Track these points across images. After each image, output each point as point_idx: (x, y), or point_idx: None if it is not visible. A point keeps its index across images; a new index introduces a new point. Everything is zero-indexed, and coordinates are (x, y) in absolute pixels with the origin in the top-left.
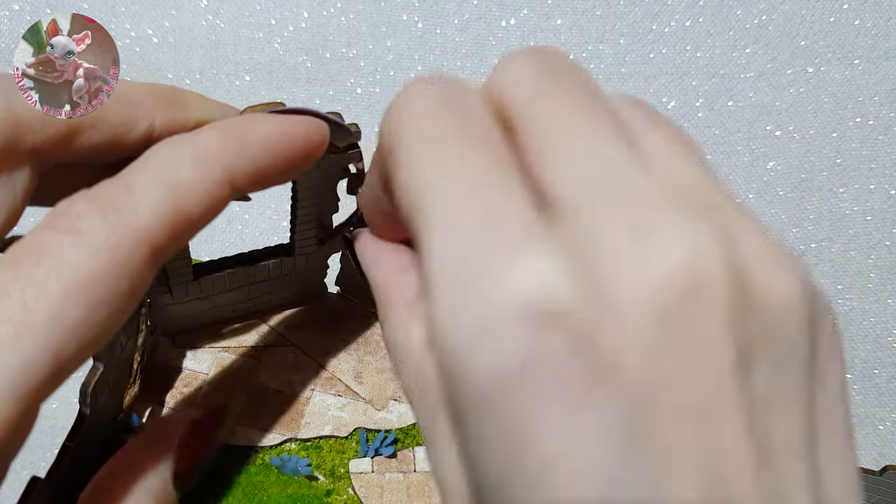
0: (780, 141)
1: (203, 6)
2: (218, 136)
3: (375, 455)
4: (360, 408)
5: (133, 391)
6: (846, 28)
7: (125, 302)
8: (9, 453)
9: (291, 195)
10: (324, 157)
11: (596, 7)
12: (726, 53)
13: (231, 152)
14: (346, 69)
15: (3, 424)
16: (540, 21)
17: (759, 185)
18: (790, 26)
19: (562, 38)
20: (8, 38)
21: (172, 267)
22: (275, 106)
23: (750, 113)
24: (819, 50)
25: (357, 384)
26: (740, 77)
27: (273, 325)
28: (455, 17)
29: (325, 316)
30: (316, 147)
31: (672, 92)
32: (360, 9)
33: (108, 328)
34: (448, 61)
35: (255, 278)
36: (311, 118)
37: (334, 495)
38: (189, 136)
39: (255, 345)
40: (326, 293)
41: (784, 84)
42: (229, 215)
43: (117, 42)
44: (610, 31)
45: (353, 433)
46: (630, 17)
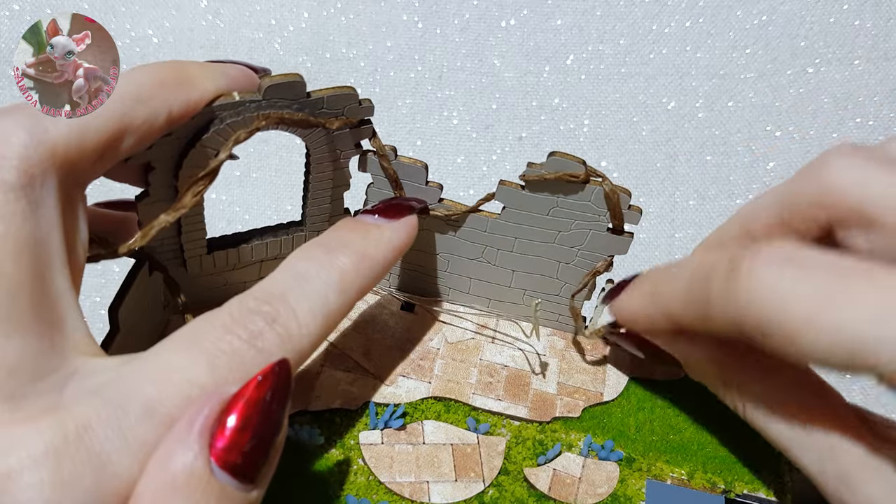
0: (781, 141)
1: (203, 6)
2: (353, 262)
3: (385, 427)
4: (370, 383)
5: None
6: (846, 28)
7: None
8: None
9: (304, 170)
10: (337, 133)
11: (596, 7)
12: (726, 54)
13: (363, 277)
14: (346, 69)
15: None
16: (540, 21)
17: (759, 186)
18: (790, 27)
19: (562, 39)
20: (8, 39)
21: (188, 239)
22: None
23: (750, 113)
24: (819, 50)
25: (366, 360)
26: (740, 77)
27: None
28: (455, 17)
29: None
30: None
31: (672, 92)
32: (360, 9)
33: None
34: (448, 61)
35: (266, 255)
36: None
37: (345, 465)
38: (332, 259)
39: None
40: None
41: (784, 84)
42: (230, 216)
43: (117, 42)
44: (610, 31)
45: (362, 406)
46: (630, 18)
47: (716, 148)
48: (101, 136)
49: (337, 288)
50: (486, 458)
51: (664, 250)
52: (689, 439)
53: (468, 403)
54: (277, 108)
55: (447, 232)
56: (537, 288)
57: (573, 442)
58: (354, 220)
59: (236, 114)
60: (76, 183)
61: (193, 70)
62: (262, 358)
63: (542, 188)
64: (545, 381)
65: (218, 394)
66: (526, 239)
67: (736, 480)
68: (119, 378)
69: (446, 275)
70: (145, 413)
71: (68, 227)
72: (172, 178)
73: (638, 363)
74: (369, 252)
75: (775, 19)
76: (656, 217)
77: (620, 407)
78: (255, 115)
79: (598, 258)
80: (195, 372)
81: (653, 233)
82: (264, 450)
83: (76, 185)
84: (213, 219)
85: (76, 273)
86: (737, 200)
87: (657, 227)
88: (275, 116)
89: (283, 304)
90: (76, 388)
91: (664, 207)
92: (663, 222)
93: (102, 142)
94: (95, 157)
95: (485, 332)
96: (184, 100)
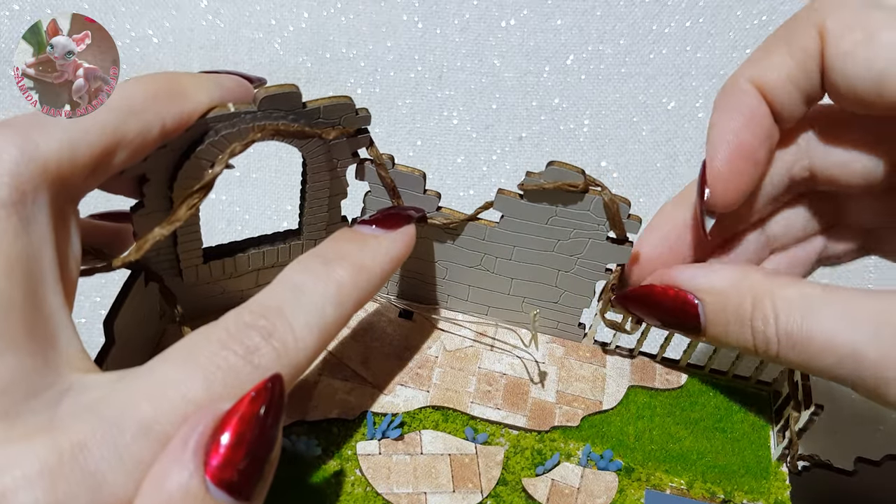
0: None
1: (203, 6)
2: (350, 274)
3: (382, 438)
4: (368, 392)
5: None
6: None
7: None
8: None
9: (301, 179)
10: (334, 143)
11: (596, 8)
12: (726, 54)
13: (360, 289)
14: (346, 69)
15: None
16: (540, 21)
17: None
18: None
19: (562, 39)
20: (8, 39)
21: (184, 249)
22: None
23: None
24: None
25: (364, 369)
26: None
27: None
28: (455, 17)
29: None
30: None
31: (672, 92)
32: (360, 9)
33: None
34: (448, 61)
35: (263, 264)
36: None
37: (342, 476)
38: (329, 271)
39: None
40: None
41: None
42: (230, 216)
43: (117, 42)
44: (610, 31)
45: (360, 417)
46: (630, 18)
47: None
48: (94, 151)
49: (334, 300)
50: (484, 468)
51: None
52: (688, 448)
53: (466, 412)
54: (273, 118)
55: (446, 240)
56: (536, 296)
57: (572, 451)
58: (352, 230)
59: (231, 125)
60: (68, 198)
61: (187, 81)
62: (258, 374)
63: (541, 197)
64: (544, 389)
65: (212, 410)
66: (525, 247)
67: (736, 490)
68: (114, 394)
69: (445, 282)
70: (141, 431)
71: (60, 243)
72: (167, 190)
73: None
74: (367, 263)
75: (775, 19)
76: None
77: (620, 415)
78: (251, 126)
79: (597, 266)
80: (191, 388)
81: None
82: (259, 466)
83: (68, 201)
84: (213, 219)
85: (69, 289)
86: None
87: None
88: (270, 128)
89: (280, 318)
90: (71, 406)
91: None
92: None
93: (95, 156)
94: (87, 172)
95: (483, 340)
96: (177, 112)
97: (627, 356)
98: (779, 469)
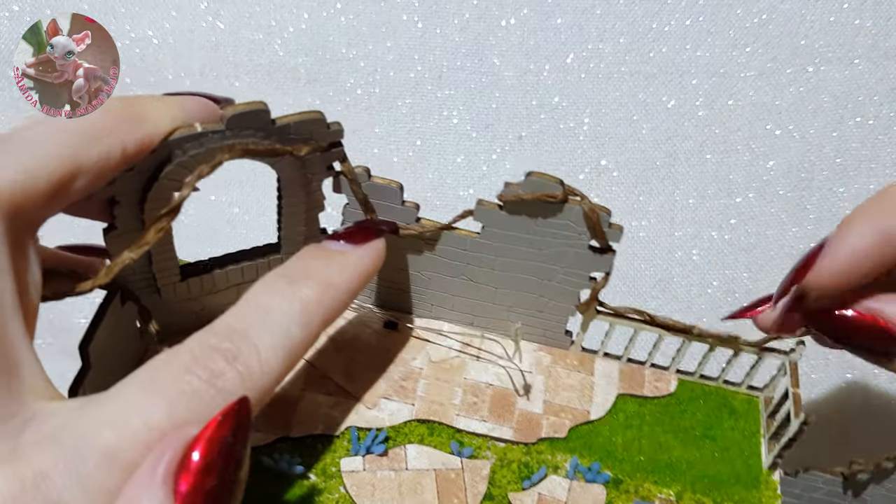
0: (780, 140)
1: (203, 8)
2: (316, 293)
3: (367, 453)
4: (352, 406)
5: None
6: (846, 28)
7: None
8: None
9: (277, 195)
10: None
11: (596, 6)
12: (726, 52)
13: (327, 308)
14: (346, 70)
15: None
16: (540, 21)
17: (759, 185)
18: (790, 26)
19: (562, 38)
20: (8, 39)
21: (160, 268)
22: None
23: (750, 112)
24: (819, 49)
25: (348, 382)
26: (740, 76)
27: None
28: (455, 17)
29: None
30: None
31: (672, 91)
32: (360, 9)
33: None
34: (448, 61)
35: (243, 279)
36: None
37: (326, 494)
38: (295, 290)
39: None
40: None
41: (784, 83)
42: (230, 217)
43: (117, 43)
44: (610, 30)
45: (344, 432)
46: (630, 16)
47: (716, 146)
48: (52, 178)
49: (300, 321)
50: (469, 483)
51: (664, 249)
52: (677, 458)
53: (452, 426)
54: (242, 137)
55: (427, 251)
56: (521, 304)
57: (559, 464)
58: (318, 247)
59: (199, 145)
60: (25, 226)
61: (147, 105)
62: (222, 398)
63: (521, 208)
64: (530, 400)
65: (179, 436)
66: (507, 257)
67: (725, 500)
68: (76, 422)
69: (429, 292)
70: (104, 459)
71: (19, 271)
72: (139, 211)
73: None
74: (333, 280)
75: (775, 18)
76: (656, 216)
77: (608, 425)
78: (220, 146)
79: (581, 276)
80: (154, 415)
81: (653, 231)
82: (229, 488)
83: (26, 229)
84: (213, 220)
85: (30, 316)
86: (736, 199)
87: (657, 225)
88: (239, 148)
89: (245, 341)
90: (33, 434)
91: (664, 206)
92: (663, 221)
93: (52, 184)
94: (45, 200)
95: (469, 351)
96: (138, 136)
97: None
98: (770, 478)
